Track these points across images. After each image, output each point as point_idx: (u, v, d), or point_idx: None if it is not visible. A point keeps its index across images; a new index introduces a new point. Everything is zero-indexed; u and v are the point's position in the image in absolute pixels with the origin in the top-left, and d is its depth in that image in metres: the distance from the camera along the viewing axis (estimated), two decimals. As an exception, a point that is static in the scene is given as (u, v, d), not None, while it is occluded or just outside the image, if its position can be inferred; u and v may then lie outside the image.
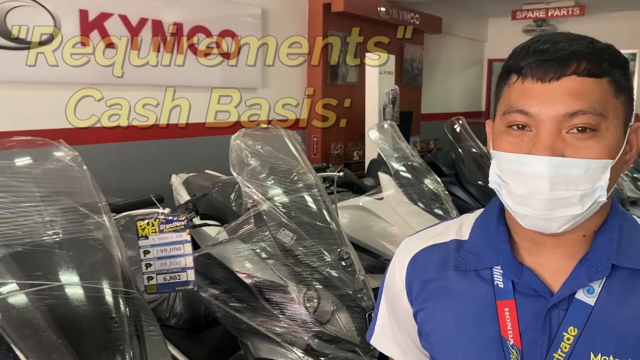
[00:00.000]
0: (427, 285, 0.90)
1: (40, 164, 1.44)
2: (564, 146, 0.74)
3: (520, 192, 0.76)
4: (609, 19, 8.17)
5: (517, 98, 0.77)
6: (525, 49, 0.77)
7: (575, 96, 0.73)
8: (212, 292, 2.01)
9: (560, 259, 0.82)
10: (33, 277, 1.27)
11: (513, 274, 0.82)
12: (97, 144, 3.79)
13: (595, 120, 0.73)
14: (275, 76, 5.09)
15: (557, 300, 0.79)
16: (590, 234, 0.81)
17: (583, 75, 0.74)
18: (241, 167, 2.02)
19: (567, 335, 0.78)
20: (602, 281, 0.79)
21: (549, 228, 0.77)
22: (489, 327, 0.82)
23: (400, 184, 2.91)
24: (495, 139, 0.81)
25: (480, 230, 0.89)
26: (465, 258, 0.87)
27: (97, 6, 3.72)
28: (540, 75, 0.75)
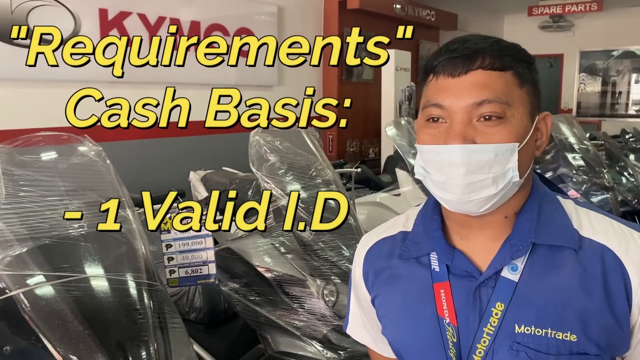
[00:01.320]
0: (379, 274, 0.99)
1: (66, 158, 1.47)
2: (475, 133, 0.81)
3: (440, 179, 0.83)
4: (627, 14, 8.07)
5: (432, 93, 0.85)
6: (438, 51, 0.86)
7: (482, 87, 0.81)
8: (232, 286, 2.03)
9: (487, 241, 0.89)
10: (60, 269, 1.29)
11: (446, 257, 0.90)
12: (118, 140, 3.84)
13: (500, 108, 0.81)
14: (290, 74, 5.11)
15: (484, 279, 0.86)
16: (512, 215, 0.88)
17: (488, 69, 0.82)
18: (260, 163, 2.03)
19: (495, 310, 0.85)
20: (525, 258, 0.86)
21: (470, 210, 0.84)
22: (428, 307, 0.90)
23: (417, 180, 2.91)
24: (418, 132, 0.89)
25: (420, 221, 0.97)
26: (408, 247, 0.96)
27: (116, 5, 3.76)
28: (450, 70, 0.83)
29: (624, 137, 5.39)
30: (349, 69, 5.75)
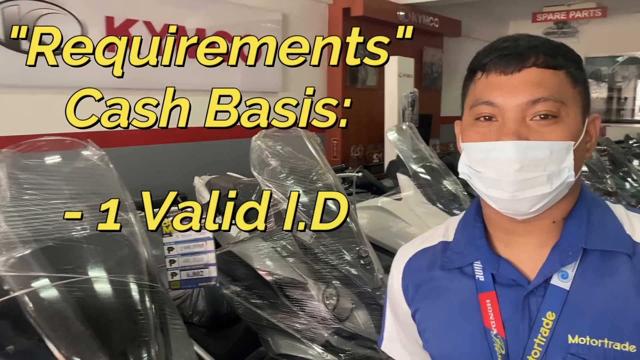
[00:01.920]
0: (420, 287, 0.95)
1: (70, 162, 1.50)
2: (529, 132, 0.79)
3: (492, 176, 0.80)
4: (631, 20, 8.07)
5: (483, 91, 0.83)
6: (487, 49, 0.85)
7: (536, 85, 0.79)
8: (233, 289, 2.06)
9: (533, 247, 0.85)
10: (62, 270, 1.32)
11: (491, 266, 0.86)
12: (123, 146, 3.88)
13: (555, 106, 0.79)
14: (295, 80, 5.15)
15: (533, 287, 0.83)
16: (560, 221, 0.85)
17: (542, 67, 0.80)
18: (262, 167, 2.06)
19: (545, 320, 0.81)
20: (575, 265, 0.82)
21: (520, 209, 0.81)
22: (474, 319, 0.86)
23: (418, 185, 2.92)
24: (464, 132, 0.87)
25: (462, 230, 0.95)
26: (450, 257, 0.93)
27: (122, 13, 3.81)
28: (502, 68, 0.81)
29: (627, 142, 5.39)
30: (353, 75, 5.78)
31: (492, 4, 7.47)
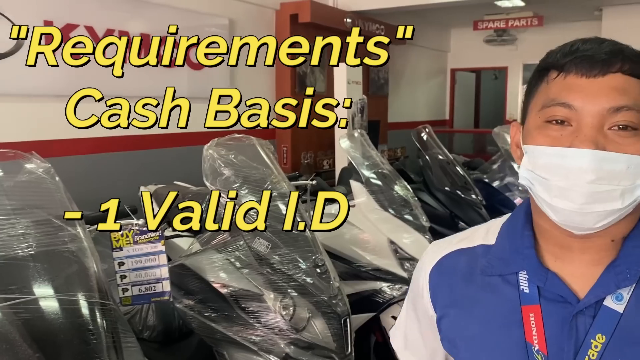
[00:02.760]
0: (453, 290, 0.90)
1: (12, 176, 1.42)
2: (606, 141, 0.73)
3: (561, 184, 0.74)
4: (566, 29, 8.44)
5: (559, 91, 0.76)
6: (566, 48, 0.78)
7: (621, 92, 0.74)
8: (187, 303, 2.00)
9: (587, 265, 0.80)
10: (7, 290, 1.25)
11: (538, 279, 0.81)
12: (65, 156, 3.73)
13: (637, 118, 0.73)
14: (243, 83, 5.12)
15: (584, 306, 0.78)
16: (619, 240, 0.80)
17: (628, 74, 0.75)
18: (214, 177, 2.02)
19: (594, 343, 0.76)
20: (631, 288, 0.77)
21: (585, 223, 0.75)
22: (514, 332, 0.81)
23: (371, 191, 2.95)
24: (530, 134, 0.80)
25: (507, 235, 0.88)
26: (492, 263, 0.87)
27: (62, 17, 3.67)
28: (585, 70, 0.75)
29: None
30: (302, 80, 5.79)
31: (435, 13, 7.66)
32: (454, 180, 3.78)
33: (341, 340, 1.95)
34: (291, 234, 2.07)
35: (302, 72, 5.82)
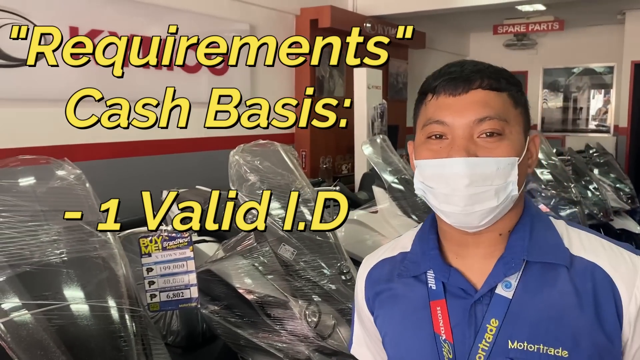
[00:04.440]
0: (380, 295, 1.01)
1: (44, 182, 1.44)
2: (477, 148, 0.85)
3: (444, 191, 0.86)
4: (587, 33, 8.36)
5: (434, 111, 0.89)
6: (436, 73, 0.91)
7: (483, 105, 0.86)
8: (212, 309, 2.01)
9: (481, 259, 0.92)
10: (40, 297, 1.26)
11: (442, 275, 0.93)
12: (88, 160, 3.77)
13: (500, 125, 0.86)
14: (263, 87, 5.14)
15: (479, 296, 0.89)
16: (506, 233, 0.91)
17: (487, 89, 0.87)
18: (240, 183, 2.02)
19: (489, 327, 0.87)
20: (518, 276, 0.88)
21: (471, 222, 0.87)
22: (425, 325, 0.92)
23: (394, 197, 2.93)
24: (417, 150, 0.93)
25: (418, 240, 1.01)
26: (406, 266, 0.99)
27: (87, 23, 3.71)
28: (451, 90, 0.88)
29: (588, 152, 5.55)
30: (320, 84, 5.79)
31: (455, 17, 7.62)
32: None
33: (367, 348, 1.94)
34: (316, 240, 2.06)
35: (322, 76, 5.82)
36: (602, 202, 4.32)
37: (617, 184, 4.90)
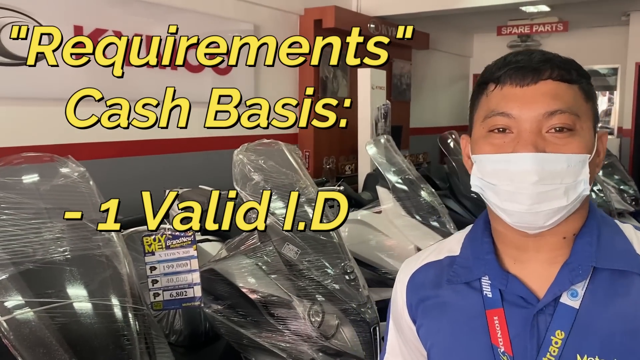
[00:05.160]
0: (425, 301, 0.93)
1: (48, 180, 1.43)
2: (545, 144, 0.78)
3: (509, 188, 0.79)
4: (591, 34, 8.34)
5: (498, 102, 0.81)
6: (500, 62, 0.84)
7: (554, 97, 0.79)
8: (215, 308, 2.00)
9: (543, 264, 0.84)
10: (43, 295, 1.25)
11: (500, 282, 0.85)
12: (92, 159, 3.77)
13: (571, 119, 0.79)
14: (267, 87, 5.14)
15: (543, 305, 0.81)
16: (570, 237, 0.84)
17: (557, 80, 0.80)
18: (244, 182, 2.02)
19: (554, 339, 0.80)
20: (585, 284, 0.81)
21: (536, 222, 0.80)
22: (481, 336, 0.85)
23: (397, 197, 2.92)
24: (477, 144, 0.85)
25: (469, 244, 0.93)
26: (457, 272, 0.91)
27: (91, 22, 3.71)
28: (518, 80, 0.80)
29: (592, 153, 5.53)
30: (324, 85, 5.78)
31: (458, 18, 7.61)
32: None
33: (370, 348, 1.93)
34: (320, 240, 2.05)
35: (325, 77, 5.81)
36: (606, 204, 4.30)
37: (621, 186, 4.88)
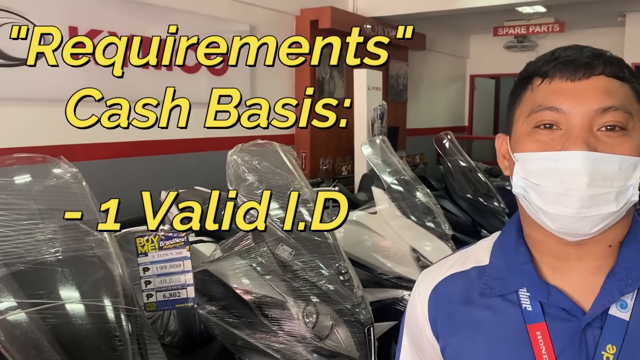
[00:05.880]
0: (453, 317, 0.86)
1: (40, 181, 1.43)
2: (597, 142, 0.73)
3: (556, 190, 0.73)
4: (587, 35, 8.35)
5: (546, 97, 0.76)
6: (547, 56, 0.79)
7: (607, 93, 0.74)
8: (209, 309, 2.00)
9: (586, 274, 0.79)
10: (35, 296, 1.25)
11: (540, 294, 0.79)
12: (87, 160, 3.77)
13: (624, 118, 0.74)
14: (263, 88, 5.14)
15: (591, 319, 0.76)
16: (616, 245, 0.79)
17: (610, 76, 0.75)
18: (238, 183, 2.01)
19: (606, 354, 0.75)
20: (634, 294, 0.76)
21: (582, 229, 0.74)
22: (523, 353, 0.78)
23: (393, 198, 2.92)
24: (519, 141, 0.79)
25: (501, 253, 0.86)
26: (489, 284, 0.84)
27: (86, 23, 3.71)
28: (569, 74, 0.76)
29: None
30: (320, 86, 5.79)
31: (455, 19, 7.61)
32: (477, 187, 3.74)
33: (365, 349, 1.93)
34: (314, 240, 2.05)
35: (322, 77, 5.82)
36: None
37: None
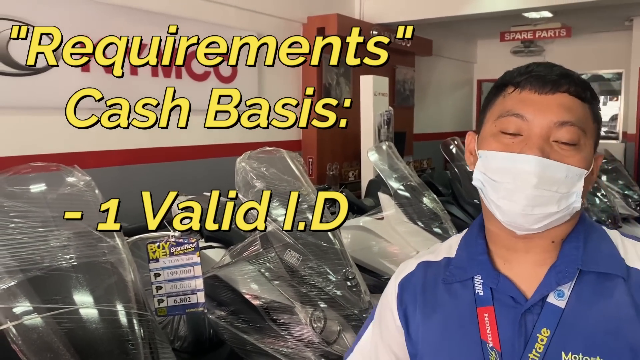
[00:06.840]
0: (418, 298, 0.97)
1: (55, 189, 1.47)
2: (550, 151, 0.83)
3: (509, 187, 0.83)
4: (594, 39, 8.35)
5: (515, 104, 0.86)
6: (522, 69, 0.89)
7: (567, 109, 0.84)
8: (219, 314, 2.02)
9: (532, 266, 0.89)
10: (51, 301, 1.28)
11: (491, 281, 0.90)
12: (97, 167, 3.81)
13: (577, 134, 0.84)
14: (270, 95, 5.17)
15: (530, 305, 0.86)
16: (559, 241, 0.89)
17: (573, 95, 0.85)
18: (247, 189, 2.04)
19: (540, 337, 0.84)
20: (571, 285, 0.86)
21: (525, 224, 0.84)
22: (471, 331, 0.89)
23: (399, 204, 2.94)
24: (485, 140, 0.89)
25: (464, 245, 0.98)
26: (452, 272, 0.95)
27: (94, 32, 3.76)
28: (538, 87, 0.86)
29: (596, 158, 5.52)
30: (327, 91, 5.82)
31: (462, 24, 7.64)
32: (484, 193, 3.73)
33: (372, 354, 1.95)
34: (321, 246, 2.08)
35: (328, 83, 5.85)
36: (610, 209, 4.30)
37: (625, 191, 4.88)
